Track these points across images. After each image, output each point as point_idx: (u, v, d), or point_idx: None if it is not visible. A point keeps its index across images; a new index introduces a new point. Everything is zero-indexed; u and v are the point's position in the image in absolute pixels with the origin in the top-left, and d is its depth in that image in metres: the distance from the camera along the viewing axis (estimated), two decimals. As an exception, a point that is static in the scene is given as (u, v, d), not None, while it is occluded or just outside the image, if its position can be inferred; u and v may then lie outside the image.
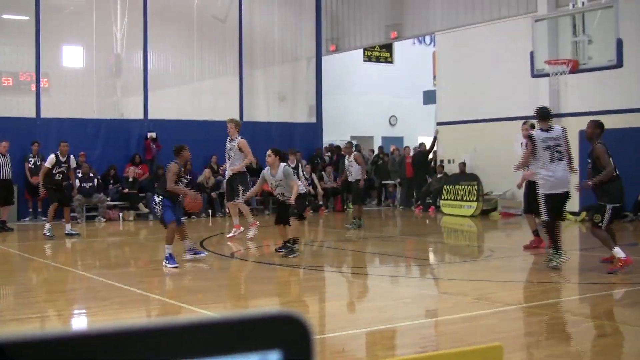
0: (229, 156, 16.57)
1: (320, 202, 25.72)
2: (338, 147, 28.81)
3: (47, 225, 17.76)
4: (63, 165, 17.78)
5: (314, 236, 19.94)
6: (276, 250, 13.87)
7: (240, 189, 16.09)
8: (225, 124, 16.95)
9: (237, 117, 27.03)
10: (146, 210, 23.50)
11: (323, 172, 26.91)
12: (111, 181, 24.24)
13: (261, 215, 23.41)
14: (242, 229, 16.67)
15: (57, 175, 17.75)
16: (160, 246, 16.20)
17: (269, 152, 13.55)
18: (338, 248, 16.32)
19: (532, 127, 14.50)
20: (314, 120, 29.49)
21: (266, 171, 13.58)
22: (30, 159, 22.75)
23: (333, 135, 30.75)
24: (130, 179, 23.82)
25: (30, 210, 23.37)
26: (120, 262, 14.26)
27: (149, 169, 24.77)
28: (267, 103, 28.61)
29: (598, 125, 11.67)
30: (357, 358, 7.22)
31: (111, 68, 25.91)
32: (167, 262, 12.29)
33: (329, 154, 29.17)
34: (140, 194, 23.87)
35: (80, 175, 22.60)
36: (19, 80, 24.16)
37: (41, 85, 24.25)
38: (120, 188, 23.88)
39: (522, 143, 14.47)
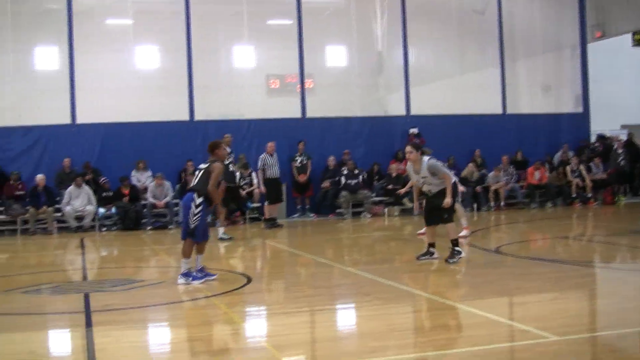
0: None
1: (589, 194, 24.82)
2: (606, 137, 27.75)
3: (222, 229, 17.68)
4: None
5: (582, 230, 19.24)
6: (417, 258, 12.80)
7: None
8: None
9: (499, 110, 26.72)
10: (411, 205, 23.66)
11: (592, 164, 25.90)
12: (376, 177, 24.64)
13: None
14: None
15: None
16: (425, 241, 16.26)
17: (408, 148, 12.61)
18: (609, 243, 15.59)
19: None
20: (580, 110, 28.47)
21: (409, 168, 12.87)
22: (296, 158, 23.62)
23: (602, 124, 29.47)
24: (394, 175, 24.05)
25: (299, 207, 24.19)
26: (385, 258, 14.37)
27: (412, 165, 24.89)
28: (531, 94, 27.98)
29: None
30: (625, 358, 6.78)
31: (373, 66, 26.30)
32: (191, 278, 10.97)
33: (597, 144, 28.04)
34: (404, 190, 24.07)
35: (345, 172, 23.24)
36: (285, 82, 25.09)
37: (306, 86, 25.04)
38: (385, 184, 24.17)
39: None
